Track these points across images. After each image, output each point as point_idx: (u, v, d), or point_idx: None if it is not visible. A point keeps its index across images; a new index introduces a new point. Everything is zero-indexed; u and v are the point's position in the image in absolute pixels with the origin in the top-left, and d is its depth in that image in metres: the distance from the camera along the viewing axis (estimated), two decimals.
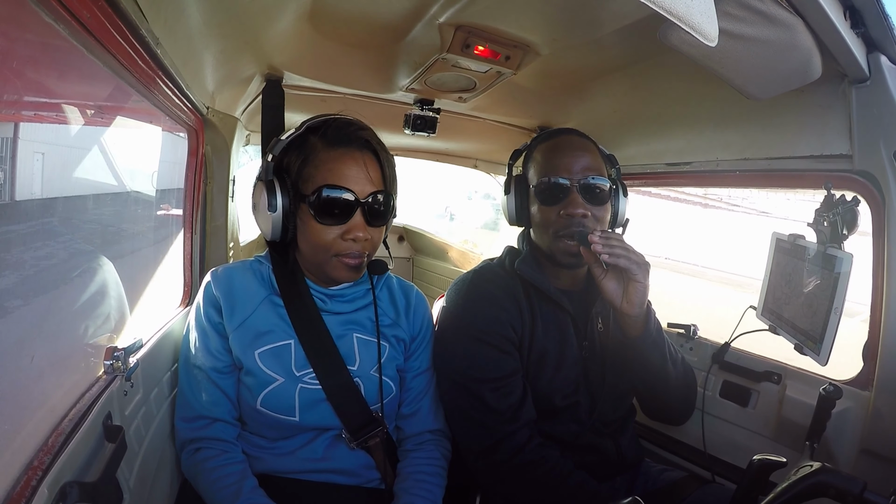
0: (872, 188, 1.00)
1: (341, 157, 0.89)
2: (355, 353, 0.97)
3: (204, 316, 0.94)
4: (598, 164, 1.06)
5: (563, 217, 1.02)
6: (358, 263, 0.91)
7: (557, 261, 1.06)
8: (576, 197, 1.02)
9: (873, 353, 1.02)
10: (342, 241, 0.89)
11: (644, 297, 0.97)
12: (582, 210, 1.01)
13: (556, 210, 1.04)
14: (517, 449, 0.98)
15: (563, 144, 1.08)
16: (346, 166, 0.89)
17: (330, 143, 0.90)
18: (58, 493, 0.57)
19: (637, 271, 0.94)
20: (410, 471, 0.98)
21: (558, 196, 1.03)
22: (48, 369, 0.69)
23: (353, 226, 0.89)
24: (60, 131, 0.80)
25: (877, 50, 0.92)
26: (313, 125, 0.93)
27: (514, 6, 0.98)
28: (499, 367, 1.01)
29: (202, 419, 0.94)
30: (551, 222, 1.04)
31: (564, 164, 1.04)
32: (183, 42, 0.90)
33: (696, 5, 0.56)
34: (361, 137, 0.92)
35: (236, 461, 0.92)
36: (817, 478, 0.61)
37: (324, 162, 0.89)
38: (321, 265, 0.92)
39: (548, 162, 1.06)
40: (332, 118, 0.93)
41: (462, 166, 2.43)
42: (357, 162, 0.89)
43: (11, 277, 0.64)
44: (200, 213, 1.33)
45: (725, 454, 1.27)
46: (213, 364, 0.93)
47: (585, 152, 1.06)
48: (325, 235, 0.89)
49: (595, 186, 1.03)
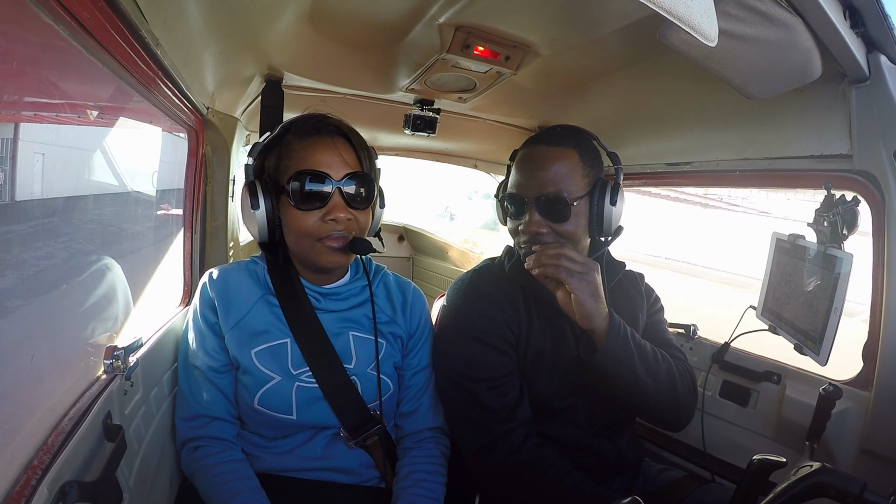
0: (872, 188, 0.99)
1: (312, 143, 0.90)
2: (352, 351, 0.97)
3: (200, 316, 0.95)
4: (561, 177, 0.98)
5: (522, 233, 1.02)
6: (342, 245, 0.91)
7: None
8: (533, 214, 0.99)
9: (873, 354, 1.02)
10: (324, 223, 0.89)
11: (590, 307, 0.90)
12: (536, 228, 0.98)
13: (517, 224, 1.03)
14: (513, 449, 0.98)
15: (531, 157, 1.03)
16: (318, 152, 0.90)
17: (302, 135, 0.92)
18: (57, 492, 0.57)
19: (568, 279, 0.88)
20: (410, 469, 0.98)
21: (519, 211, 1.01)
22: (48, 368, 0.69)
23: (333, 206, 0.89)
24: (60, 131, 0.81)
25: (877, 50, 0.92)
26: (286, 124, 0.95)
27: (514, 6, 0.98)
28: (495, 366, 1.01)
29: (201, 418, 0.94)
30: (514, 234, 1.05)
31: (525, 179, 1.01)
32: (183, 42, 0.90)
33: (696, 5, 0.56)
34: (331, 124, 0.93)
35: (236, 459, 0.92)
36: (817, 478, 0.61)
37: (297, 152, 0.90)
38: (307, 253, 0.92)
39: (516, 174, 1.04)
40: (302, 115, 0.96)
41: (462, 166, 2.43)
42: (328, 146, 0.90)
43: (11, 277, 0.64)
44: (200, 212, 1.33)
45: (725, 454, 1.27)
46: (211, 364, 0.94)
47: (551, 165, 0.98)
48: (306, 221, 0.89)
49: (552, 202, 0.97)
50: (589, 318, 0.91)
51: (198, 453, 0.93)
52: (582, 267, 0.90)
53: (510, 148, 1.22)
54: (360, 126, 1.02)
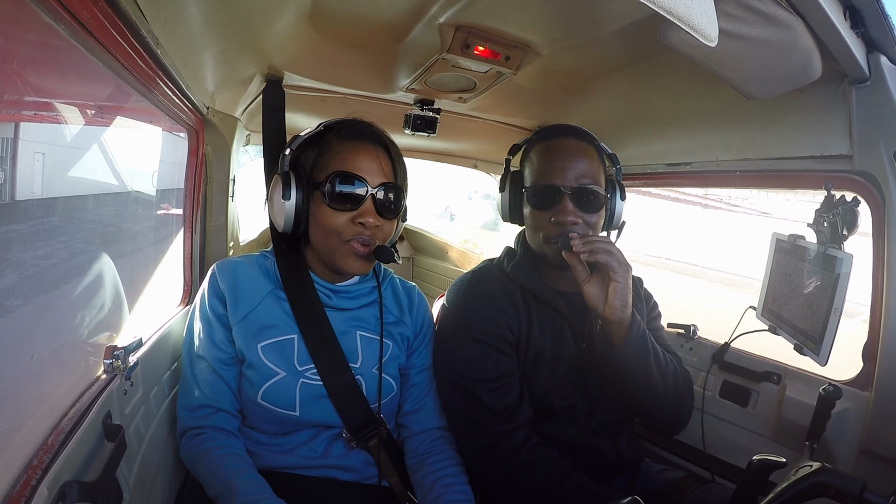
0: (872, 188, 0.99)
1: (354, 147, 0.93)
2: (358, 351, 0.97)
3: (209, 306, 0.95)
4: (593, 170, 1.03)
5: (554, 224, 1.02)
6: (367, 252, 0.92)
7: (548, 262, 1.06)
8: (567, 204, 1.00)
9: (873, 354, 1.02)
10: (353, 224, 0.91)
11: (625, 298, 0.94)
12: (573, 218, 1.00)
13: (547, 215, 1.02)
14: (514, 449, 0.98)
15: (559, 148, 1.05)
16: (358, 156, 0.93)
17: (344, 137, 0.94)
18: (57, 492, 0.57)
19: (617, 269, 0.93)
20: (436, 477, 0.97)
21: (550, 201, 1.02)
22: (48, 368, 0.69)
23: (364, 211, 0.91)
24: (60, 131, 0.80)
25: (877, 50, 0.92)
26: (329, 124, 0.97)
27: (514, 6, 0.98)
28: (496, 367, 1.01)
29: (205, 408, 0.94)
30: (542, 227, 1.04)
31: (558, 169, 1.02)
32: (183, 42, 0.90)
33: (696, 5, 0.56)
34: (374, 133, 0.97)
35: (236, 447, 0.92)
36: (817, 478, 0.61)
37: (337, 153, 0.93)
38: (331, 252, 0.93)
39: (542, 164, 1.05)
40: (348, 118, 0.98)
41: (462, 166, 2.43)
42: (369, 153, 0.94)
43: (12, 277, 0.64)
44: (200, 212, 1.33)
45: (725, 454, 1.27)
46: (217, 355, 0.94)
47: (581, 157, 1.03)
48: (336, 220, 0.91)
49: (588, 193, 1.01)
50: (622, 309, 0.94)
51: (198, 439, 0.92)
52: (625, 260, 0.95)
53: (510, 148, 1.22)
54: None
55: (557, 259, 1.02)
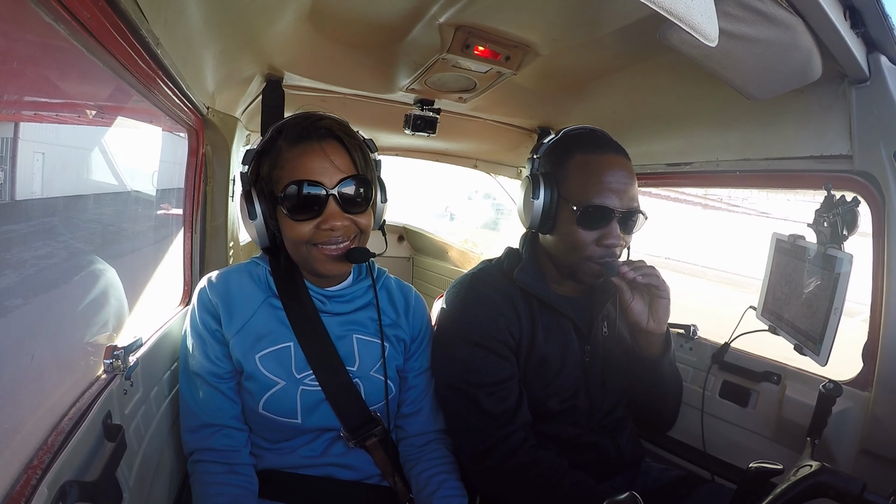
0: (872, 189, 0.99)
1: (302, 152, 0.88)
2: (355, 354, 0.97)
3: (200, 323, 0.93)
4: (636, 190, 1.01)
5: (600, 246, 0.99)
6: (339, 253, 0.90)
7: (578, 279, 1.04)
8: (615, 227, 0.98)
9: (873, 354, 1.02)
10: (320, 231, 0.88)
11: (668, 313, 1.03)
12: (617, 241, 0.99)
13: (592, 235, 0.99)
14: (510, 452, 0.97)
15: (613, 166, 1.00)
16: (308, 160, 0.87)
17: (291, 141, 0.89)
18: (57, 492, 0.57)
19: (663, 288, 1.00)
20: (431, 473, 0.98)
21: (600, 223, 0.98)
22: (48, 368, 0.69)
23: (328, 216, 0.87)
24: (60, 131, 0.80)
25: (877, 50, 0.92)
26: (278, 127, 0.92)
27: (514, 6, 0.98)
28: (495, 371, 1.01)
29: (208, 427, 0.93)
30: (585, 246, 0.99)
31: (614, 191, 0.98)
32: (183, 42, 0.90)
33: (696, 5, 0.56)
34: (321, 128, 0.90)
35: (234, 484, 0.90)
36: (817, 478, 0.61)
37: (287, 161, 0.88)
38: (306, 260, 0.91)
39: (595, 182, 0.98)
40: (293, 116, 0.93)
41: (462, 166, 2.43)
42: (318, 153, 0.87)
43: (11, 277, 0.64)
44: (200, 212, 1.33)
45: (725, 454, 1.27)
46: (214, 370, 0.93)
47: (631, 179, 1.01)
48: (301, 230, 0.88)
49: (634, 215, 1.01)
50: (663, 323, 1.04)
51: (198, 466, 0.92)
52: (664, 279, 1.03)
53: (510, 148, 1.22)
54: (361, 126, 1.01)
55: (592, 277, 1.02)
